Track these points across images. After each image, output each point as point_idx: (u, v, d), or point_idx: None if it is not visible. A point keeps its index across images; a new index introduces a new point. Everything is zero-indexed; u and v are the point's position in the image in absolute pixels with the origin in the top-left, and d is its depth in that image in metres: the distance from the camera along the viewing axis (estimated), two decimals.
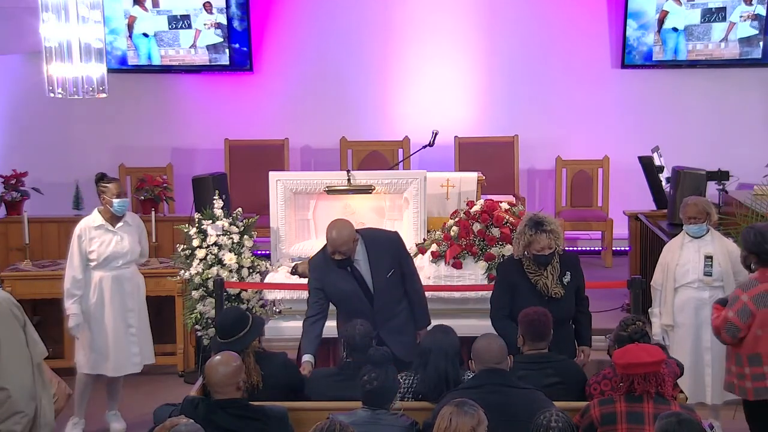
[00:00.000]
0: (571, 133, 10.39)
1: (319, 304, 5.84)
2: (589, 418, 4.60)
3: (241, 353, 5.06)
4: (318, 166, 10.38)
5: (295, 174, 8.01)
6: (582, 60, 10.40)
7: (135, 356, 6.92)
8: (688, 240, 6.54)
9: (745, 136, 10.29)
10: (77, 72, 6.63)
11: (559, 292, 5.72)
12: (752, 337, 5.69)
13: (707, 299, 6.44)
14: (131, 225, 6.91)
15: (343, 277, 5.80)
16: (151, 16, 10.33)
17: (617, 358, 4.62)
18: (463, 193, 7.37)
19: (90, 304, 6.77)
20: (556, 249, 5.71)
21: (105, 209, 6.82)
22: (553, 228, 5.70)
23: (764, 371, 5.73)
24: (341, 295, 5.84)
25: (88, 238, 6.75)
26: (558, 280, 5.74)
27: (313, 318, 5.82)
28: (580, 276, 5.88)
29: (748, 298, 5.68)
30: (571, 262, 5.87)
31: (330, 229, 5.74)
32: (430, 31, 10.36)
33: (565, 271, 5.78)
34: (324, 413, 4.68)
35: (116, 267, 6.81)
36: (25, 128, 10.35)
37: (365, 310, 5.77)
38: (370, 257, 5.81)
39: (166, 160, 10.29)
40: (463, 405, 4.16)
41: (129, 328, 6.88)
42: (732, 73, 10.37)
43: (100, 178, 6.86)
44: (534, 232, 5.67)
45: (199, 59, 10.40)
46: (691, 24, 10.27)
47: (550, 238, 5.67)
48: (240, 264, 7.35)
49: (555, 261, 5.75)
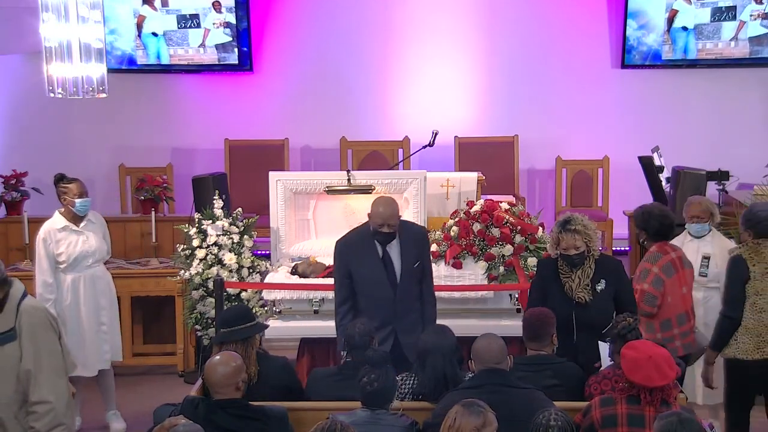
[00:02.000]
0: (571, 133, 10.39)
1: (346, 288, 5.85)
2: (590, 419, 4.59)
3: (243, 343, 5.07)
4: (318, 166, 10.37)
5: (295, 174, 8.01)
6: (582, 60, 10.40)
7: (105, 353, 6.90)
8: (689, 239, 6.54)
9: (745, 136, 10.29)
10: (77, 72, 6.63)
11: (584, 297, 5.56)
12: (664, 304, 5.98)
13: (701, 299, 6.44)
14: (95, 223, 6.88)
15: (373, 260, 5.80)
16: (160, 16, 10.31)
17: (628, 371, 4.50)
18: (463, 193, 7.37)
19: (64, 307, 6.73)
20: (586, 251, 5.58)
21: (66, 210, 6.77)
22: (578, 228, 5.57)
23: (673, 333, 6.02)
24: (367, 279, 5.82)
25: (54, 240, 6.70)
26: (587, 285, 5.58)
27: (345, 308, 5.84)
28: (621, 283, 5.65)
29: (658, 269, 5.99)
30: (611, 268, 5.67)
31: (378, 204, 5.75)
32: (430, 31, 10.36)
33: (600, 278, 5.60)
34: (324, 413, 4.68)
35: (87, 267, 6.78)
36: (25, 128, 10.35)
37: (387, 298, 5.79)
38: (402, 243, 5.83)
39: (166, 160, 10.29)
40: (471, 405, 4.14)
41: (101, 326, 6.87)
42: (732, 73, 10.36)
43: (59, 179, 6.79)
44: (560, 231, 5.59)
45: (208, 59, 10.37)
46: (701, 23, 10.24)
47: (575, 238, 5.55)
48: (240, 264, 7.35)
49: (589, 264, 5.61)
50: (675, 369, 4.53)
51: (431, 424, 4.69)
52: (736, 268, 5.74)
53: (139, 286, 7.94)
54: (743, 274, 5.71)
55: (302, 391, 5.36)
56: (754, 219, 5.77)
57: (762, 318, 5.70)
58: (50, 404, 4.42)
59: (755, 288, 5.72)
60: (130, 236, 8.44)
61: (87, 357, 6.80)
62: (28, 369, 4.41)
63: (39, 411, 4.41)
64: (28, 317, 4.44)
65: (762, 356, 5.72)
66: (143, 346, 8.22)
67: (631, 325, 5.06)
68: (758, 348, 5.73)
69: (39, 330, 4.45)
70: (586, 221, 5.66)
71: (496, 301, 6.87)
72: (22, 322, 4.42)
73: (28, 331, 4.43)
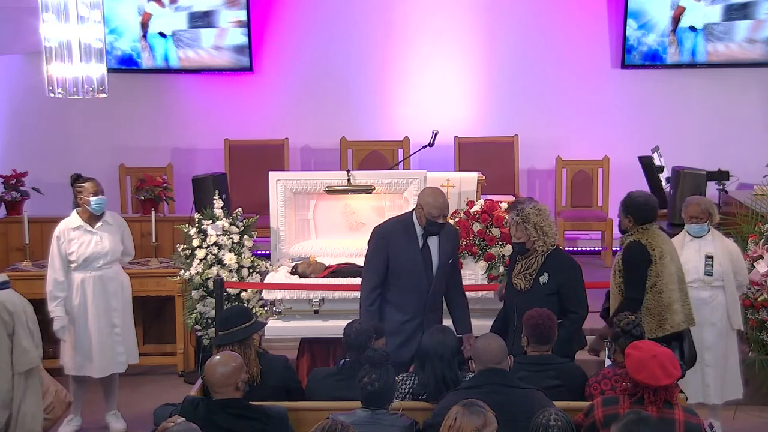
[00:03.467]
0: (571, 133, 10.39)
1: (380, 276, 5.85)
2: (592, 418, 4.59)
3: (242, 344, 5.07)
4: (318, 166, 10.38)
5: (295, 174, 8.01)
6: (582, 60, 10.40)
7: (120, 355, 6.90)
8: (689, 240, 6.54)
9: (745, 136, 10.29)
10: (77, 72, 6.62)
11: (520, 284, 5.74)
12: None
13: (707, 299, 6.47)
14: (112, 224, 6.89)
15: (414, 250, 5.84)
16: (169, 13, 10.08)
17: (633, 371, 4.50)
18: (463, 193, 7.37)
19: (73, 306, 6.75)
20: (530, 243, 5.72)
21: (83, 209, 6.79)
22: (517, 219, 5.75)
23: None
24: (404, 268, 5.84)
25: (67, 239, 6.73)
26: (529, 275, 5.74)
27: (374, 295, 5.84)
28: (566, 281, 5.76)
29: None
30: (560, 264, 5.80)
31: (433, 195, 5.79)
32: (431, 30, 10.36)
33: (545, 271, 5.75)
34: (324, 413, 4.68)
35: (97, 267, 6.79)
36: (25, 128, 10.35)
37: (421, 290, 5.83)
38: (441, 238, 5.88)
39: (166, 160, 10.29)
40: (471, 405, 4.14)
41: (114, 327, 6.86)
42: (732, 73, 10.36)
43: (75, 179, 6.82)
44: (510, 217, 5.85)
45: (222, 61, 10.18)
46: (711, 22, 9.99)
47: (515, 228, 5.75)
48: (240, 264, 7.35)
49: (536, 256, 5.75)
50: (678, 368, 4.53)
51: (431, 424, 4.69)
52: (636, 253, 5.90)
53: (139, 286, 7.92)
54: (644, 258, 5.88)
55: (302, 391, 5.36)
56: (633, 206, 5.96)
57: (662, 298, 5.89)
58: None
59: (655, 270, 5.89)
60: None
61: (98, 358, 6.81)
62: None
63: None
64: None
65: (663, 333, 5.89)
66: (143, 346, 8.20)
67: (635, 321, 5.08)
68: (660, 326, 5.90)
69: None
70: (532, 215, 5.76)
71: (496, 301, 6.85)
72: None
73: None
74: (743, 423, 6.88)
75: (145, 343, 8.24)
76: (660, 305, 5.89)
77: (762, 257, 7.02)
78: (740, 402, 6.71)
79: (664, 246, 5.94)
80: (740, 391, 6.60)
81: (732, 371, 6.55)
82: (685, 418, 4.46)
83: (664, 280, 5.89)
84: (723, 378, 6.49)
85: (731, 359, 6.54)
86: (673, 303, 5.90)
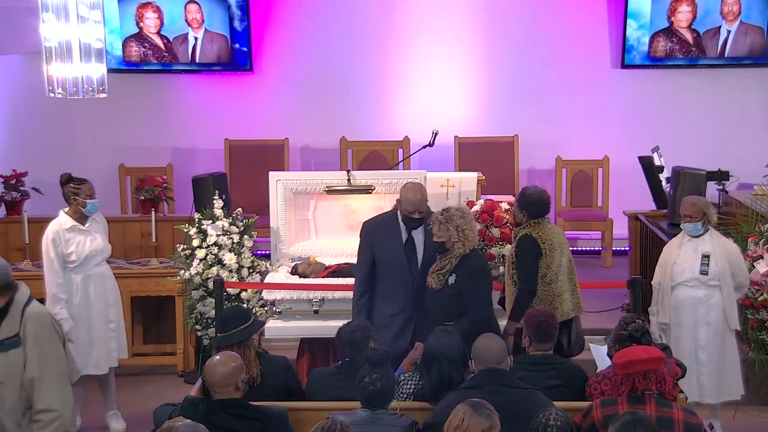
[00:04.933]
0: (571, 133, 10.39)
1: (367, 268, 6.08)
2: (592, 419, 4.59)
3: (241, 345, 5.07)
4: (318, 166, 10.38)
5: (295, 174, 8.02)
6: (582, 60, 10.40)
7: (113, 351, 6.91)
8: (687, 239, 6.54)
9: (745, 136, 10.29)
10: (77, 72, 6.62)
11: (431, 282, 5.84)
12: None
13: (702, 298, 6.46)
14: (99, 222, 6.89)
15: (397, 244, 6.01)
16: (168, 13, 10.24)
17: (618, 358, 4.61)
18: (463, 193, 7.37)
19: (74, 306, 6.73)
20: (450, 244, 5.77)
21: (74, 209, 6.76)
22: (440, 219, 5.80)
23: None
24: (389, 262, 6.03)
25: (64, 240, 6.69)
26: (442, 274, 5.81)
27: (363, 288, 6.08)
28: (469, 284, 5.78)
29: None
30: (469, 267, 5.83)
31: (408, 190, 6.00)
32: (431, 31, 10.37)
33: (454, 272, 5.81)
34: (324, 413, 4.68)
35: (95, 265, 6.79)
36: (25, 128, 10.35)
37: (407, 283, 5.98)
38: (427, 231, 5.98)
39: (166, 160, 10.29)
40: (480, 406, 4.12)
41: (109, 323, 6.88)
42: (732, 73, 10.36)
43: (68, 180, 6.78)
44: (435, 215, 5.89)
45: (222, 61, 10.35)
46: (707, 19, 10.10)
47: (438, 227, 5.80)
48: (240, 264, 7.35)
49: (449, 257, 5.81)
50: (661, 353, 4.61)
51: (431, 424, 4.69)
52: (529, 245, 6.07)
53: (139, 286, 7.94)
54: (536, 250, 6.05)
55: (302, 391, 5.36)
56: (527, 201, 6.14)
57: (552, 289, 6.08)
58: (56, 412, 4.36)
59: (546, 262, 6.07)
60: (130, 236, 8.44)
61: (98, 356, 6.82)
62: (32, 377, 4.34)
63: (44, 419, 4.35)
64: (32, 323, 4.37)
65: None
66: (143, 346, 8.22)
67: (643, 327, 5.08)
68: None
69: (44, 336, 4.38)
70: (456, 216, 5.82)
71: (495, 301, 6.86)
72: (27, 328, 4.36)
73: (32, 338, 4.35)
74: (743, 423, 6.88)
75: (145, 343, 8.25)
76: (550, 295, 6.07)
77: (762, 257, 7.01)
78: (740, 402, 6.70)
79: (554, 239, 6.12)
80: (740, 391, 6.58)
81: (729, 371, 6.52)
82: (685, 417, 4.46)
83: (553, 271, 6.08)
84: (719, 378, 6.47)
85: (728, 359, 6.51)
86: (562, 293, 6.10)
